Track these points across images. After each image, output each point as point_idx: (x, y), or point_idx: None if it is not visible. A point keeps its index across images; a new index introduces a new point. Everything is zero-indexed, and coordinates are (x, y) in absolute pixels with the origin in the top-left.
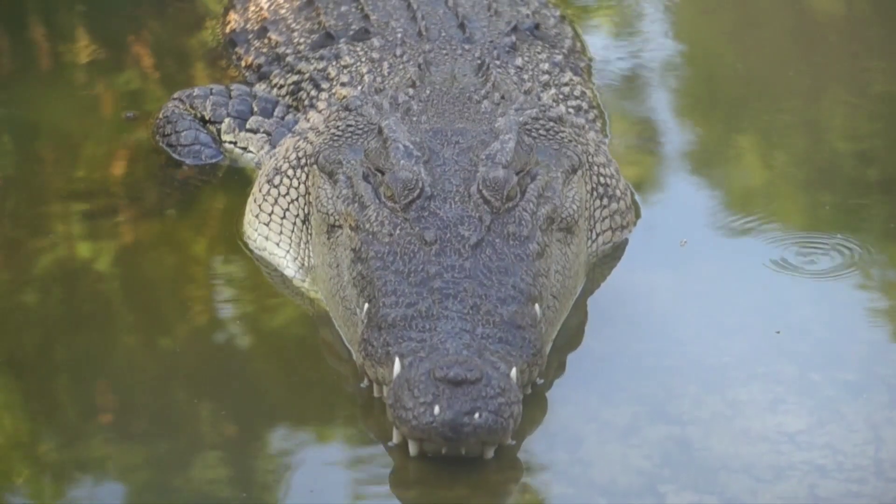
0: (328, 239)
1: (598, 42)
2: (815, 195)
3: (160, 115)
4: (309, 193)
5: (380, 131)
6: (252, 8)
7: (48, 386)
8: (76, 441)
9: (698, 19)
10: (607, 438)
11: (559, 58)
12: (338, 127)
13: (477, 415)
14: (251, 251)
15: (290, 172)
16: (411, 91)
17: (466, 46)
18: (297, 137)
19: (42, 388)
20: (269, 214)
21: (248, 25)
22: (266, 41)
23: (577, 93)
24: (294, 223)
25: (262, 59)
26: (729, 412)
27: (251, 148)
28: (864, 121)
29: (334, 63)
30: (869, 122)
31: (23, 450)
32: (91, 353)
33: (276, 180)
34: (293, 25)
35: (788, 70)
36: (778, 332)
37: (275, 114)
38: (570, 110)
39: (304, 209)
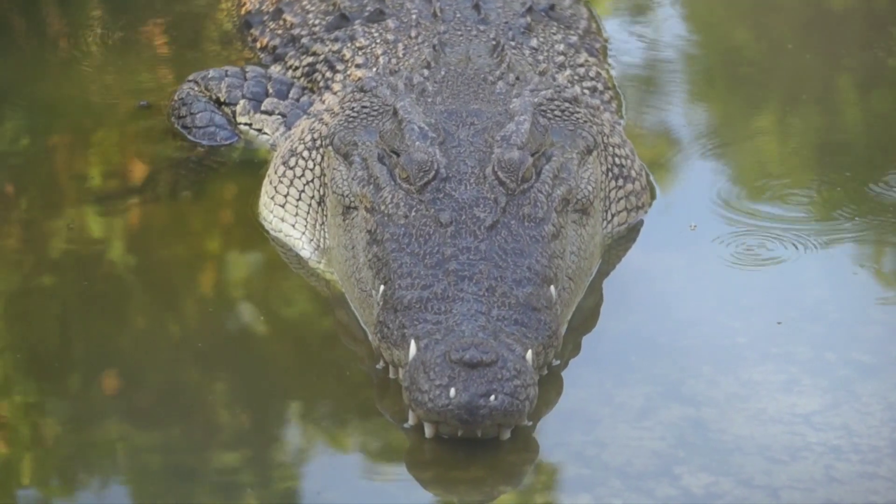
0: (343, 220)
1: (614, 23)
2: (829, 177)
3: (175, 97)
4: (324, 175)
5: (395, 112)
6: None
7: (62, 368)
8: (89, 423)
9: (714, 2)
10: (622, 419)
11: (574, 39)
12: (353, 108)
13: (493, 397)
14: (267, 232)
15: (306, 154)
16: (426, 72)
17: (481, 27)
18: (313, 119)
19: (56, 370)
20: (285, 196)
21: (263, 7)
22: (281, 23)
23: (592, 74)
24: (309, 205)
25: (277, 41)
26: (743, 393)
27: (266, 130)
28: (879, 104)
29: (349, 44)
30: (884, 105)
31: (34, 431)
32: (105, 336)
33: (292, 162)
34: (308, 7)
35: (804, 55)
36: (779, 324)
37: (290, 95)
38: (586, 91)
39: (319, 191)
